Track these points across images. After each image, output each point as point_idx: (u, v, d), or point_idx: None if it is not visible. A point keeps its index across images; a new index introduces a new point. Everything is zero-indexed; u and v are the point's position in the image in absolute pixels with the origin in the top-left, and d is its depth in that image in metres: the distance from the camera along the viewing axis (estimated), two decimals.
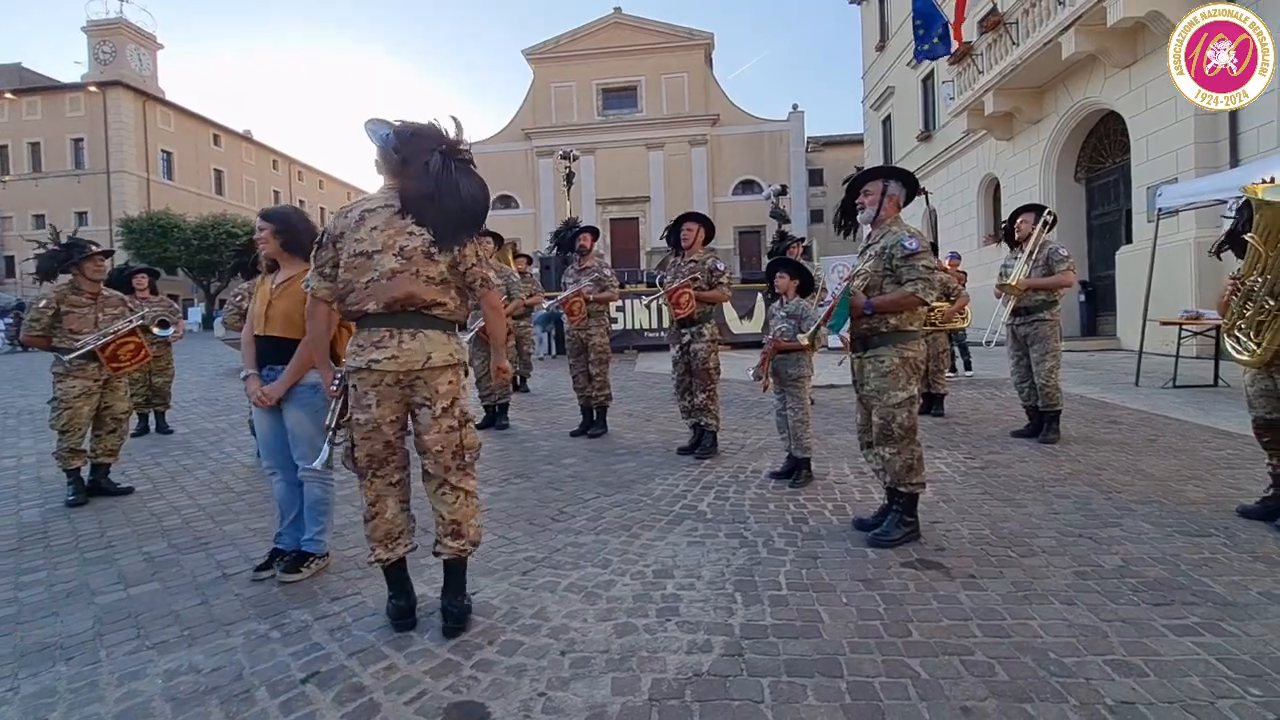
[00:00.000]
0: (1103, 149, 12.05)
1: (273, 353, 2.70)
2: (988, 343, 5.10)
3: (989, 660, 1.93)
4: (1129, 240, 10.75)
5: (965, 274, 6.90)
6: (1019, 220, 4.89)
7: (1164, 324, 7.15)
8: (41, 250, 3.90)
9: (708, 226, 4.69)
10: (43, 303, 3.83)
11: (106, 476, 4.04)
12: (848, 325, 2.95)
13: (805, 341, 3.46)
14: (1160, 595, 2.31)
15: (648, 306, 12.37)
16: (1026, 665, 1.90)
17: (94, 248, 4.01)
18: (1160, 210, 7.07)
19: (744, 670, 1.92)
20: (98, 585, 2.68)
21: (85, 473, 3.95)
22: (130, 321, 3.98)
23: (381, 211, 2.15)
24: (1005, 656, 1.95)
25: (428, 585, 2.47)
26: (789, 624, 2.18)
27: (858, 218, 3.10)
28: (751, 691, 1.81)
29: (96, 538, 3.27)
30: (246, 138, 44.31)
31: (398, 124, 2.17)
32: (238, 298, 4.57)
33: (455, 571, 2.23)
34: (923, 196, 3.79)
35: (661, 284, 4.86)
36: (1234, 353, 3.00)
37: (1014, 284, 4.61)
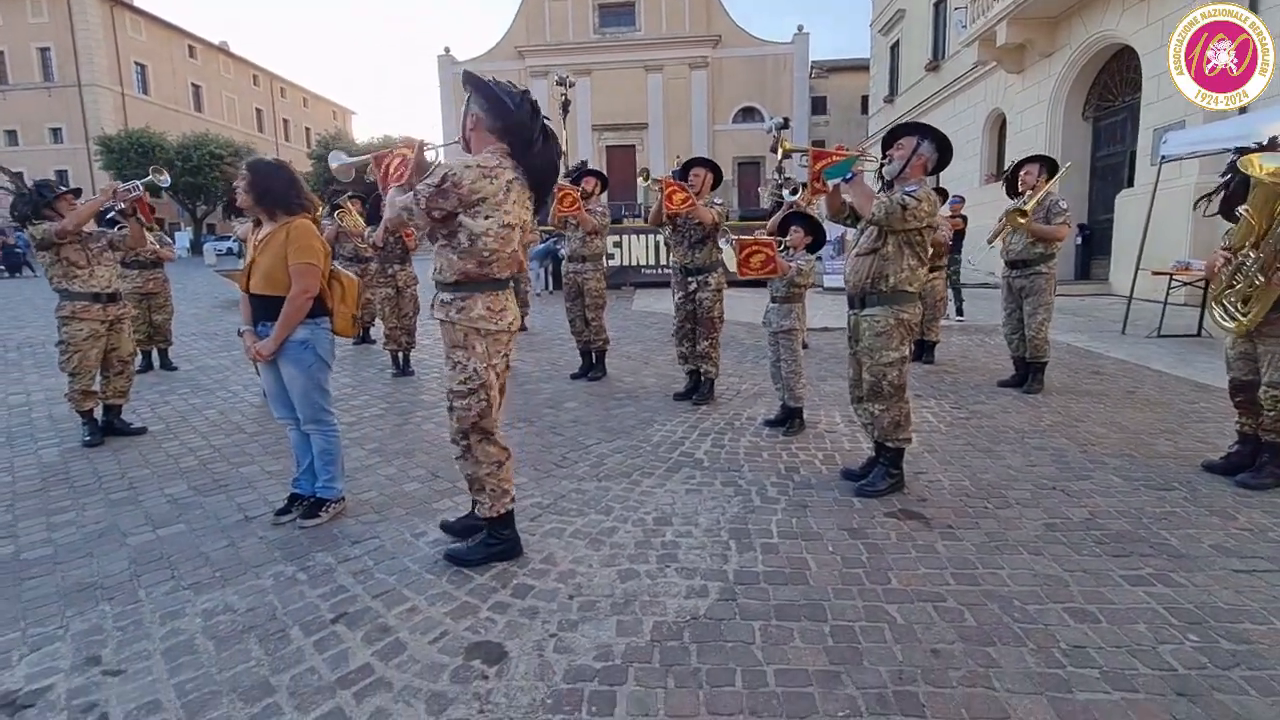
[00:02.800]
0: (1113, 87, 11.72)
1: (263, 309, 2.72)
2: (989, 241, 5.33)
3: (960, 607, 2.12)
4: (1131, 183, 10.65)
5: (965, 219, 6.87)
6: (1023, 171, 4.83)
7: (1155, 274, 7.23)
8: (12, 196, 3.87)
9: (716, 172, 4.64)
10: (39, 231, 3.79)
11: (119, 417, 4.15)
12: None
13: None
14: (1120, 547, 2.51)
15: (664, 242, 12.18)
16: (993, 612, 2.09)
17: (62, 188, 3.98)
18: (1164, 157, 6.99)
19: (737, 614, 2.10)
20: (127, 526, 2.83)
21: (98, 413, 4.05)
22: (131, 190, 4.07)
23: (517, 183, 2.29)
24: (974, 604, 2.14)
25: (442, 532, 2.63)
26: (779, 571, 2.37)
27: (883, 170, 3.10)
28: (744, 634, 2.00)
29: (118, 479, 3.41)
30: (223, 49, 42.09)
31: (522, 89, 2.28)
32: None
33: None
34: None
35: (688, 241, 4.51)
36: (1219, 320, 3.10)
37: (1029, 210, 4.52)
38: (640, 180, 4.96)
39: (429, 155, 2.44)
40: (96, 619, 2.15)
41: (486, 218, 2.23)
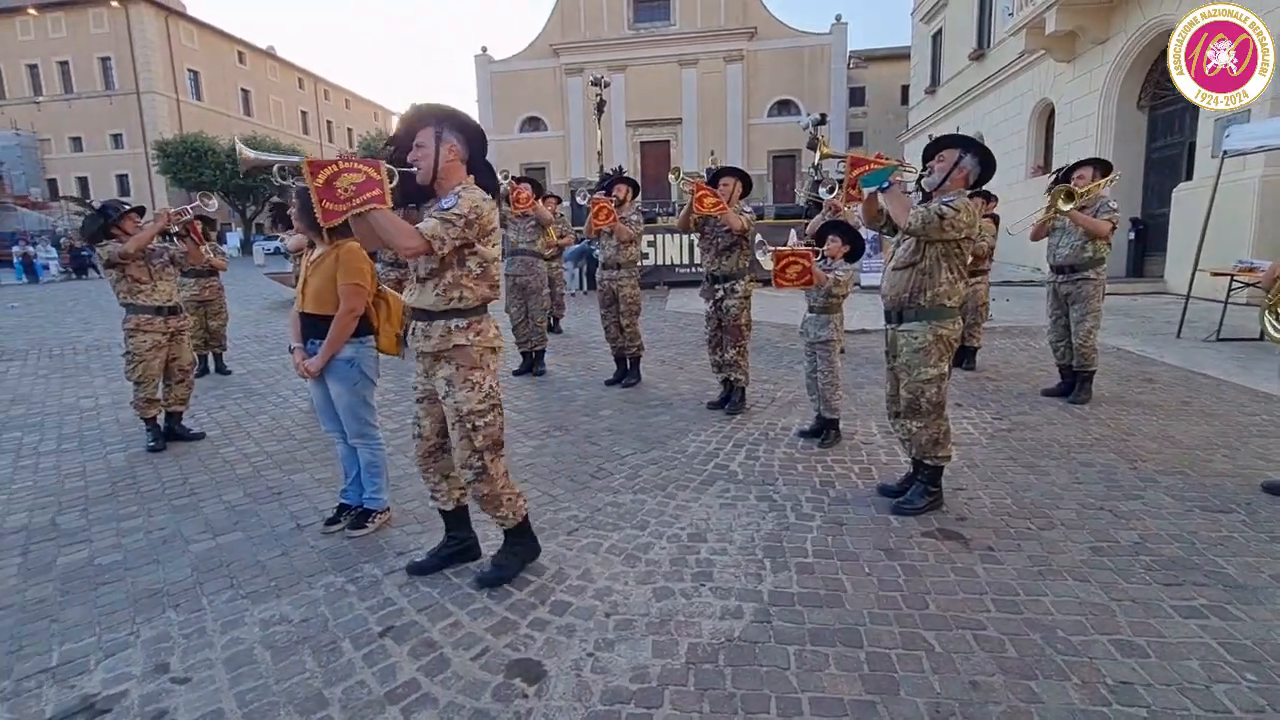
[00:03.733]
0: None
1: (312, 327, 2.84)
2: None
3: (1000, 636, 2.09)
4: (1189, 176, 10.16)
5: (997, 218, 6.68)
6: (1077, 174, 4.65)
7: (1215, 274, 6.90)
8: (81, 215, 4.12)
9: (745, 181, 4.63)
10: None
11: (180, 423, 4.38)
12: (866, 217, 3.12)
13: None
14: (1172, 575, 2.43)
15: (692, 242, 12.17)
16: (1035, 643, 2.06)
17: (126, 207, 4.21)
18: (1225, 151, 6.67)
19: (772, 637, 2.12)
20: (189, 533, 3.00)
21: (161, 420, 4.28)
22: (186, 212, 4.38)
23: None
24: (1016, 633, 2.11)
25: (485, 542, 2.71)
26: (814, 593, 2.37)
27: (922, 181, 3.06)
28: (779, 659, 2.01)
29: (180, 484, 3.60)
30: (271, 54, 43.49)
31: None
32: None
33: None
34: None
35: (719, 248, 4.51)
36: (1272, 330, 2.98)
37: (1079, 194, 4.33)
38: (672, 178, 4.97)
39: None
40: (164, 626, 2.29)
41: (494, 245, 2.36)
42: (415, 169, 2.26)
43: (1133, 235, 11.49)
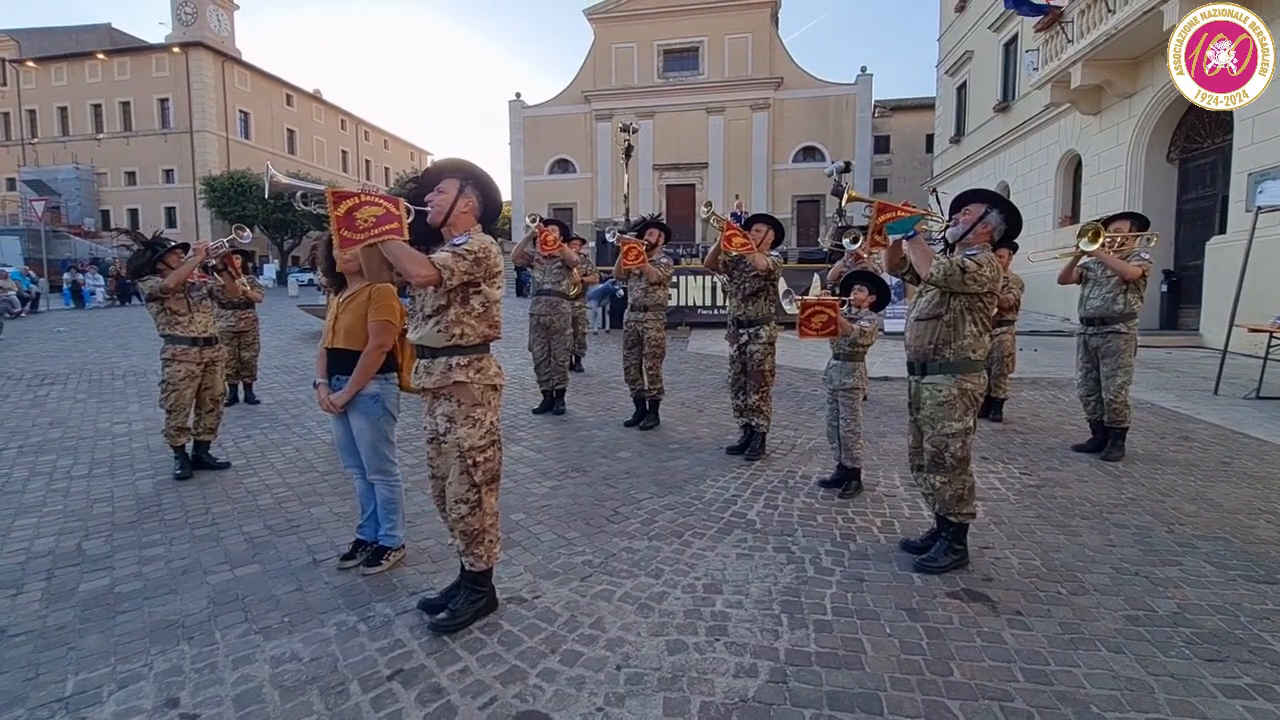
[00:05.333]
0: (1201, 128, 11.13)
1: (338, 364, 2.91)
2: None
3: (1029, 709, 2.00)
4: (1223, 230, 10.00)
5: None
6: (1113, 226, 4.61)
7: (1252, 330, 6.72)
8: (128, 247, 4.31)
9: (778, 230, 4.69)
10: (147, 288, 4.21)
11: (207, 452, 4.46)
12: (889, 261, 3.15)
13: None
14: (1214, 649, 2.31)
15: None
16: (1066, 718, 1.96)
17: (171, 243, 4.40)
18: (1259, 207, 6.57)
19: (788, 699, 2.05)
20: (208, 564, 3.02)
21: (189, 448, 4.37)
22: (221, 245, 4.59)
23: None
24: (1045, 706, 2.01)
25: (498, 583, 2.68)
26: (832, 653, 2.29)
27: (945, 233, 3.06)
28: None
29: (202, 514, 3.65)
30: (316, 97, 45.56)
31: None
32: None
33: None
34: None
35: (750, 294, 4.54)
36: None
37: (1099, 245, 4.23)
38: (702, 210, 5.01)
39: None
40: (177, 659, 2.29)
41: (498, 287, 2.44)
42: (430, 208, 2.39)
43: (1165, 287, 11.29)
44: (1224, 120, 10.15)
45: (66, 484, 4.21)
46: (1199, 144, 11.23)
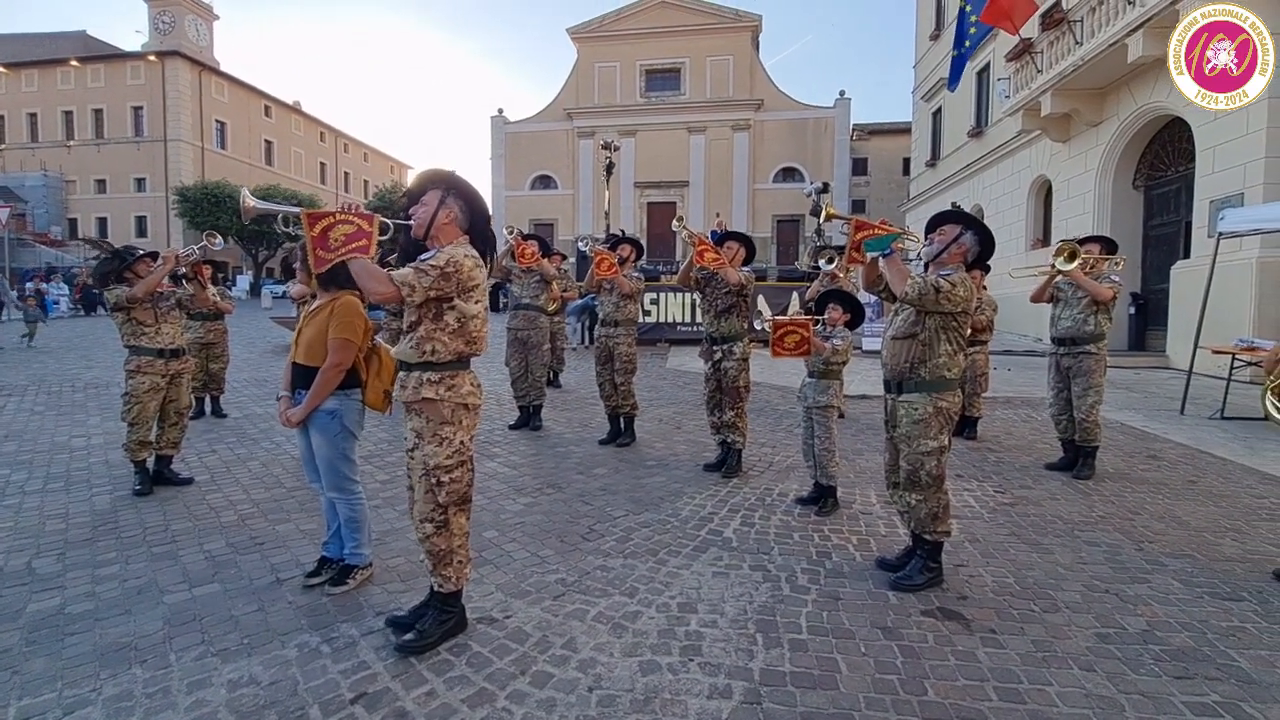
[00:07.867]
0: (1165, 156, 11.54)
1: (302, 378, 2.82)
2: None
3: None
4: (1187, 254, 10.33)
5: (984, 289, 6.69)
6: (1084, 249, 4.71)
7: (1215, 352, 6.92)
8: (96, 258, 4.18)
9: (749, 248, 4.72)
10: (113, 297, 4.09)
11: (169, 467, 4.31)
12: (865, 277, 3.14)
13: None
14: (1182, 667, 2.32)
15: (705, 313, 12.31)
16: None
17: (140, 251, 4.29)
18: (1221, 233, 6.80)
19: None
20: (165, 583, 2.91)
21: (150, 463, 4.22)
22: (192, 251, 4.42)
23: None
24: None
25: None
26: (807, 672, 2.27)
27: (920, 252, 3.11)
28: None
29: (161, 530, 3.52)
30: (296, 109, 45.19)
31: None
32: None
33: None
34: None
35: (715, 310, 4.61)
36: (1275, 412, 2.95)
37: (1075, 266, 4.35)
38: (675, 225, 4.98)
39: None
40: (128, 683, 2.19)
41: (476, 302, 2.38)
42: (413, 222, 2.38)
43: (1133, 310, 11.61)
44: (1187, 150, 10.53)
45: (19, 499, 4.04)
46: (1163, 172, 11.62)
